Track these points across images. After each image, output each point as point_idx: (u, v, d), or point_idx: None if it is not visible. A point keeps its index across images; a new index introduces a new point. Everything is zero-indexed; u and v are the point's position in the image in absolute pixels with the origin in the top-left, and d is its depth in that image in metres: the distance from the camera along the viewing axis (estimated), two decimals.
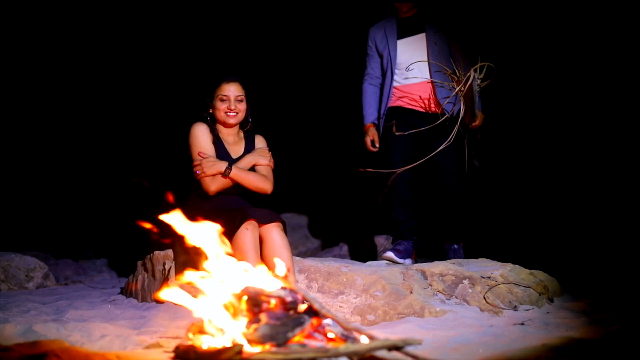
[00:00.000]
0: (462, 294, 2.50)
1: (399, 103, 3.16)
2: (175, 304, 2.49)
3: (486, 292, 2.47)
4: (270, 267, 2.05)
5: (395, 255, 2.92)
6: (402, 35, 3.13)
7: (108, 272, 3.99)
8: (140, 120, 4.64)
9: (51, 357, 1.47)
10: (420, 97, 3.09)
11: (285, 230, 2.54)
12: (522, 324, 2.16)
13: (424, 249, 3.52)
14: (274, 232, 2.47)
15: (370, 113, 3.24)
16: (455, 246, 3.16)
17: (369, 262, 2.88)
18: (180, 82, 4.44)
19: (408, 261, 2.97)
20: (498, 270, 2.63)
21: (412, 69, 3.01)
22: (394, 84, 3.14)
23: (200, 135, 2.70)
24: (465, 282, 2.54)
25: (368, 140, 3.20)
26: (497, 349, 1.63)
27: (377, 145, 3.18)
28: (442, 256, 3.12)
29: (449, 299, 2.50)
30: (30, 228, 4.44)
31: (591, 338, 1.77)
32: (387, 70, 3.17)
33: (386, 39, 3.16)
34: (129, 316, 2.34)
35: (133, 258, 3.08)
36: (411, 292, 2.47)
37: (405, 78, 3.10)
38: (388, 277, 2.55)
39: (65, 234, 4.57)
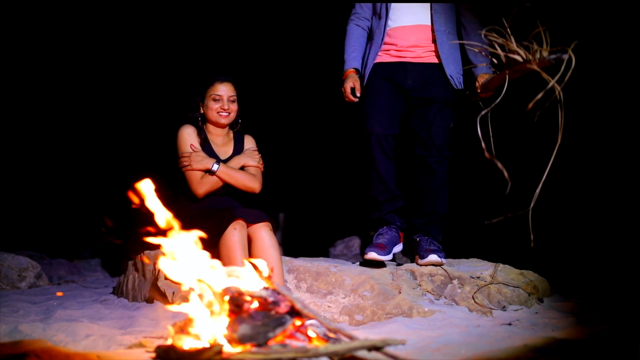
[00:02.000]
0: (451, 294, 2.50)
1: (383, 57, 2.72)
2: (164, 305, 2.52)
3: (475, 292, 2.47)
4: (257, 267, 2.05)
5: (378, 253, 2.55)
6: None
7: (102, 272, 3.99)
8: (133, 120, 4.65)
9: (32, 357, 1.47)
10: (415, 44, 2.67)
11: (274, 230, 2.54)
12: (509, 324, 2.16)
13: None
14: (262, 232, 2.47)
15: (353, 57, 2.78)
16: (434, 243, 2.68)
17: (358, 262, 2.87)
18: (170, 83, 4.44)
19: (399, 247, 2.71)
20: (488, 270, 2.62)
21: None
22: (387, 27, 2.70)
23: (188, 138, 2.70)
24: (455, 282, 2.54)
25: (348, 87, 2.71)
26: (479, 350, 1.63)
27: (358, 94, 2.72)
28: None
29: (438, 299, 2.49)
30: (25, 228, 4.45)
31: (575, 338, 1.76)
32: (381, 10, 2.72)
33: None
34: (117, 316, 2.34)
35: (127, 258, 3.08)
36: (400, 292, 2.46)
37: (397, 19, 2.69)
38: (377, 277, 2.54)
39: (61, 234, 4.58)
